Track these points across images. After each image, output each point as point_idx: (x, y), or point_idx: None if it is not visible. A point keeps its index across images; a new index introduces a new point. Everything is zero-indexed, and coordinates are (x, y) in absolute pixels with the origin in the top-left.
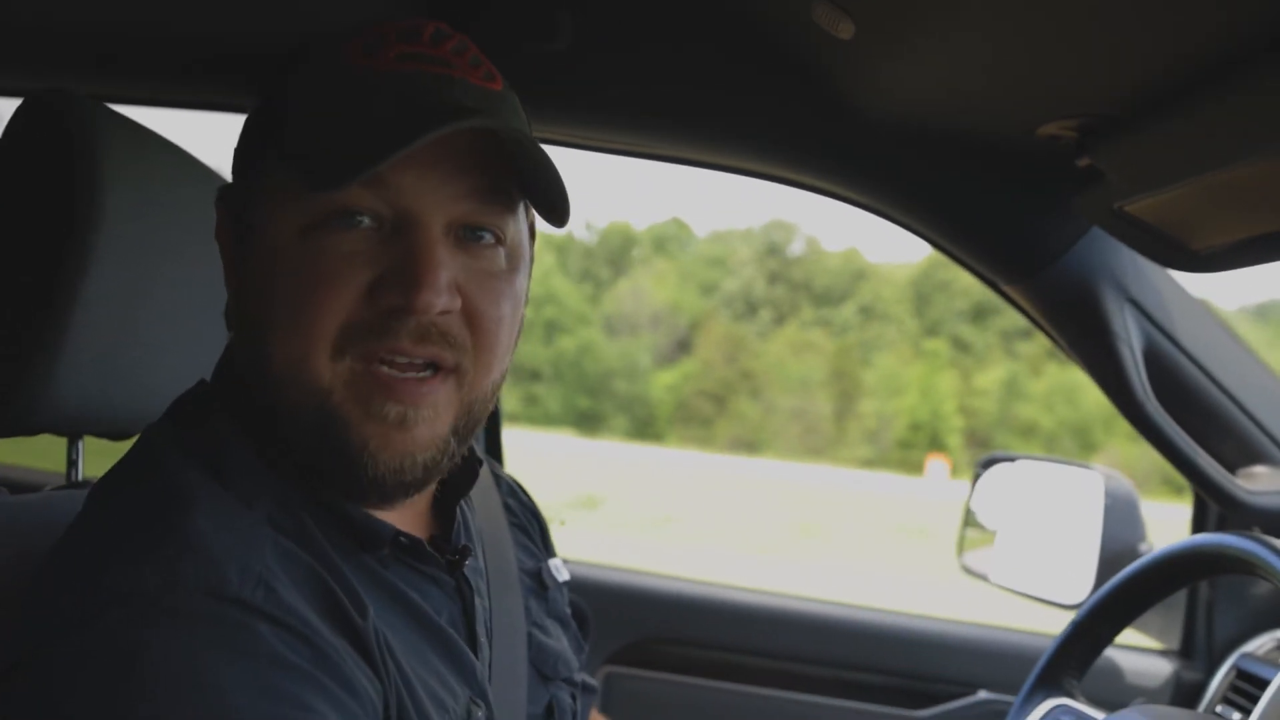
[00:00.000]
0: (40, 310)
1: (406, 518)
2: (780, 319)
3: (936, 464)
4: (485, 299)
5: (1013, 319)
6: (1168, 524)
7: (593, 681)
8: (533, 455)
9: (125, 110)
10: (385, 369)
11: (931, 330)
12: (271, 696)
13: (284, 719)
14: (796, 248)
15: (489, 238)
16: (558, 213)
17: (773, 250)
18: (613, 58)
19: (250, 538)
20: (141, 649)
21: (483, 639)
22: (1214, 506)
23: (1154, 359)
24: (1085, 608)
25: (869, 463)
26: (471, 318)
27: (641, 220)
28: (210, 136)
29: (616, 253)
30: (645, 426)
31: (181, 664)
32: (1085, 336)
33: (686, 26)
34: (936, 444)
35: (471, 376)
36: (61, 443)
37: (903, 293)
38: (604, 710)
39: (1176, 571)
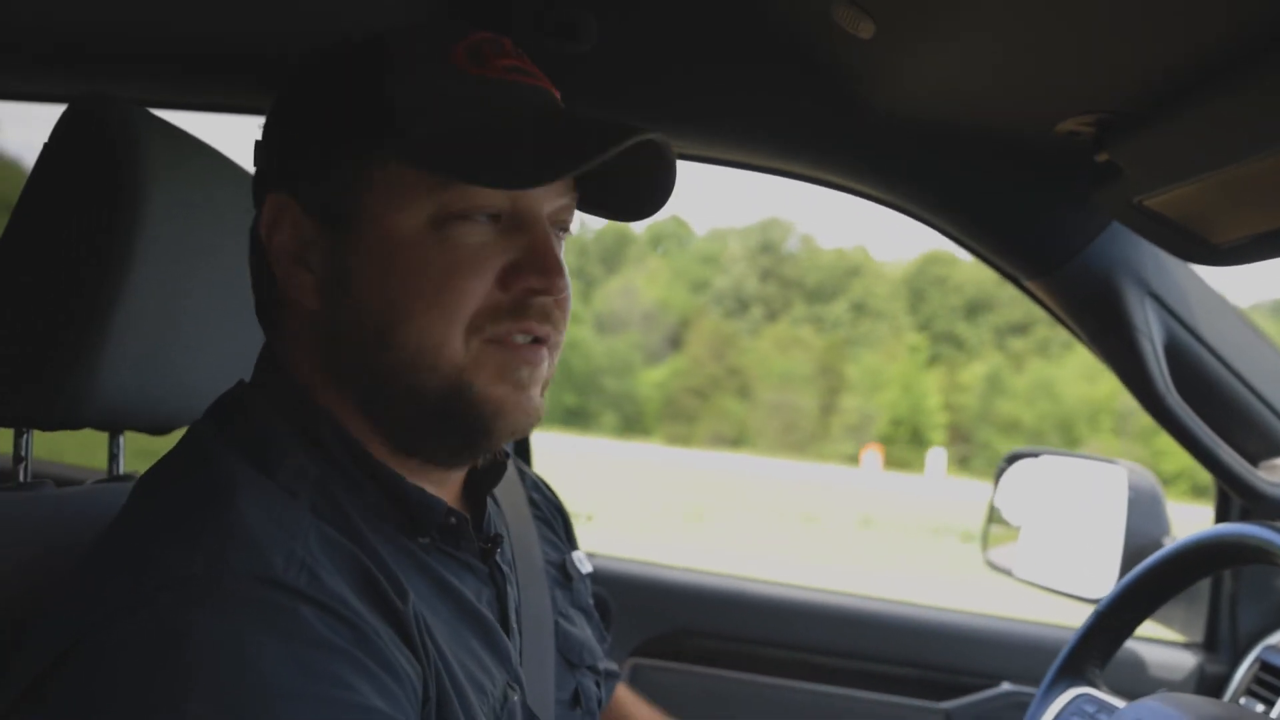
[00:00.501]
0: (84, 309)
1: None
2: (772, 315)
3: (870, 455)
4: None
5: (1006, 315)
6: None
7: (614, 667)
8: None
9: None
10: (510, 340)
11: (925, 326)
12: (313, 675)
13: (325, 697)
14: (792, 245)
15: (562, 232)
16: (639, 215)
17: (767, 247)
18: (635, 58)
19: (294, 525)
20: (189, 630)
21: (514, 625)
22: (1236, 499)
23: (1175, 352)
24: (1108, 598)
25: (850, 458)
26: (560, 299)
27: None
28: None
29: (611, 250)
30: (633, 423)
31: (228, 644)
32: (1107, 331)
33: (708, 27)
34: (918, 439)
35: (556, 351)
36: (91, 437)
37: (896, 289)
38: None
39: (1198, 561)
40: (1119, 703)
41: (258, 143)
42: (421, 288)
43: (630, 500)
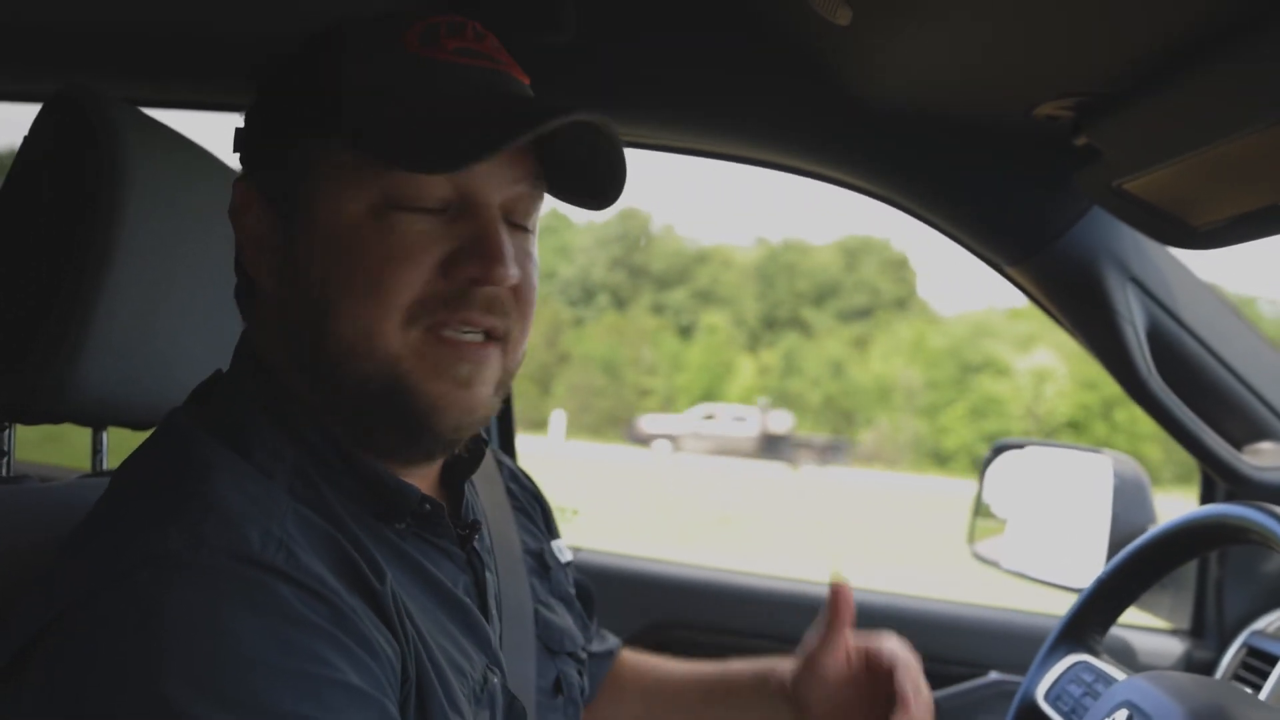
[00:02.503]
0: (66, 303)
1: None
2: (620, 303)
3: (560, 414)
4: (525, 275)
5: (849, 300)
6: None
7: (611, 645)
8: None
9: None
10: (451, 335)
11: (770, 311)
12: (289, 651)
13: (303, 673)
14: (651, 233)
15: (523, 223)
16: (604, 201)
17: (621, 236)
18: (615, 49)
19: (270, 505)
20: (165, 605)
21: (493, 612)
22: (1220, 483)
23: (1157, 337)
24: (1110, 566)
25: (643, 440)
26: (517, 292)
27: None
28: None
29: None
30: None
31: (204, 620)
32: (1088, 315)
33: (687, 17)
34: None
35: (513, 344)
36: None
37: (745, 275)
38: None
39: (1197, 540)
40: (1118, 674)
41: (236, 133)
42: (357, 275)
43: None
